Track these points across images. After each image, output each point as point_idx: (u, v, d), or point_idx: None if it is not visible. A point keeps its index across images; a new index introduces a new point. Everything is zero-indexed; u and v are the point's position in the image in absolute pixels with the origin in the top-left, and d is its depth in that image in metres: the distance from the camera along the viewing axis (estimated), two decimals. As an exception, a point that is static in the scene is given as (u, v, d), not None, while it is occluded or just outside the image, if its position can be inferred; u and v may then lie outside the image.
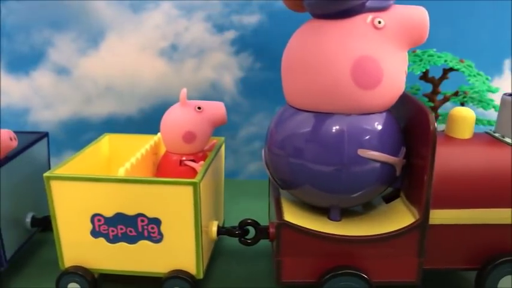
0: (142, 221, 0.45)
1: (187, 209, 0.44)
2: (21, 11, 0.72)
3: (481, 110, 0.65)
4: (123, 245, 0.46)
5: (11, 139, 0.49)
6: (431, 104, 0.66)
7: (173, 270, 0.46)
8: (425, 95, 0.67)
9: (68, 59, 0.75)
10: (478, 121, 0.65)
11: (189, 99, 0.53)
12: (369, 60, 0.39)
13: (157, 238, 0.45)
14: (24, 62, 0.74)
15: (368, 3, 0.40)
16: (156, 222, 0.45)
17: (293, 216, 0.44)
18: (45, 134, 0.58)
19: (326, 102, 0.41)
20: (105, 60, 0.75)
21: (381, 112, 0.42)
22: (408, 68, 0.62)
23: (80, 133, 0.78)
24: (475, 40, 0.73)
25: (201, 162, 0.50)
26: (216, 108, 0.52)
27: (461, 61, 0.63)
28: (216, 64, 0.75)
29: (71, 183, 0.45)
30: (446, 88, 0.66)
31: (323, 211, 0.45)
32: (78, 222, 0.46)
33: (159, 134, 0.56)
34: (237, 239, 0.50)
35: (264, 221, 0.51)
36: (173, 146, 0.51)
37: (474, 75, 0.61)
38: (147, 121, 0.77)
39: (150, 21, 0.73)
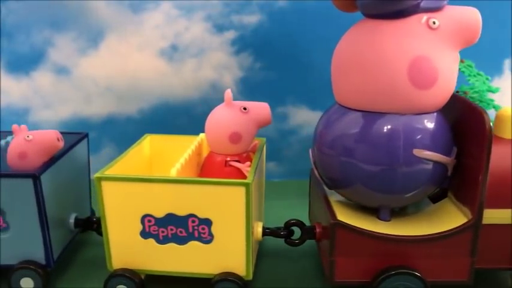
0: (193, 221, 0.45)
1: (238, 209, 0.44)
2: (21, 11, 0.72)
3: (481, 110, 0.65)
4: (172, 245, 0.46)
5: (58, 140, 0.49)
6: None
7: (223, 272, 0.46)
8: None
9: (68, 59, 0.75)
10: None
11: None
12: (425, 60, 0.40)
13: (208, 239, 0.45)
14: (24, 62, 0.74)
15: (422, 4, 0.41)
16: (207, 222, 0.45)
17: (344, 216, 0.44)
18: (86, 135, 0.57)
19: (382, 102, 0.41)
20: (105, 60, 0.75)
21: (433, 112, 0.43)
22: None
23: (80, 133, 0.78)
24: (475, 40, 0.73)
25: (248, 163, 0.50)
26: (262, 109, 0.51)
27: (462, 61, 0.63)
28: (216, 64, 0.75)
29: (122, 184, 0.44)
30: (446, 88, 0.66)
31: (371, 211, 0.46)
32: (128, 223, 0.45)
33: (201, 134, 0.56)
34: (274, 239, 0.50)
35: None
36: (218, 147, 0.51)
37: (474, 75, 0.62)
38: (147, 121, 0.77)
39: (150, 21, 0.73)
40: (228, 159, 0.50)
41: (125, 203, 0.45)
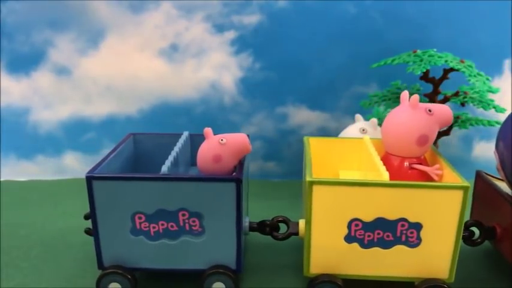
0: (402, 225, 0.44)
1: (453, 213, 0.43)
2: (21, 11, 0.72)
3: (481, 110, 0.65)
4: (376, 250, 0.45)
5: (248, 143, 0.48)
6: (432, 104, 0.66)
7: (428, 279, 0.45)
8: (425, 95, 0.67)
9: (68, 59, 0.75)
10: (479, 121, 0.66)
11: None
12: None
13: (415, 243, 0.45)
14: (24, 62, 0.74)
15: None
16: (417, 226, 0.44)
17: None
18: None
19: None
20: (105, 60, 0.75)
21: None
22: (408, 68, 0.62)
23: (80, 133, 0.78)
24: (475, 40, 0.73)
25: (437, 166, 0.49)
26: (444, 110, 0.49)
27: (462, 61, 0.63)
28: (216, 64, 0.75)
29: (333, 188, 0.44)
30: (446, 88, 0.66)
31: None
32: (334, 227, 0.45)
33: (365, 136, 0.55)
34: None
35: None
36: (401, 149, 0.49)
37: (474, 76, 0.61)
38: (147, 121, 0.77)
39: (150, 21, 0.73)
40: (408, 162, 0.49)
41: (334, 207, 0.44)
